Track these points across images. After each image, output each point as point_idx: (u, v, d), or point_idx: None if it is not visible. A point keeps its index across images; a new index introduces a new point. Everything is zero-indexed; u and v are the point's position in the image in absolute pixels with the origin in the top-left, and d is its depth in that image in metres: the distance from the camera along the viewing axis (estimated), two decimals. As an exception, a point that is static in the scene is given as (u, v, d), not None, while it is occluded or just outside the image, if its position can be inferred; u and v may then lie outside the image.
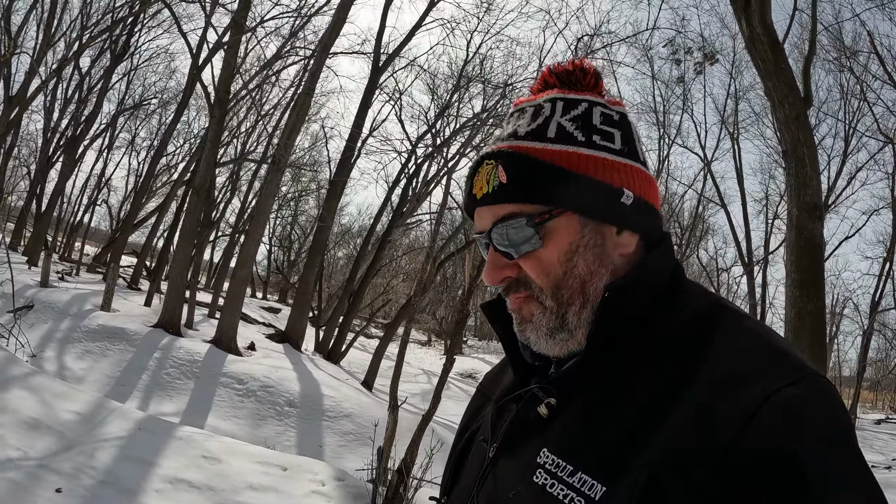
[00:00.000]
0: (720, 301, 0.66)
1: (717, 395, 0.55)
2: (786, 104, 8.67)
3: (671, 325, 0.64)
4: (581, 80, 0.72)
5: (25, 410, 4.66)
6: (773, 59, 8.66)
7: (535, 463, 0.62)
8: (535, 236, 0.66)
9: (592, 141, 0.68)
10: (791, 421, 0.52)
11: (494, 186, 0.68)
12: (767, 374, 0.55)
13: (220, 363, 10.64)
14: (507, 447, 0.69)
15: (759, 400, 0.53)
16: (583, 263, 0.67)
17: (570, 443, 0.61)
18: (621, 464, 0.56)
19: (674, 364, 0.59)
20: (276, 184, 11.97)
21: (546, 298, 0.68)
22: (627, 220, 0.68)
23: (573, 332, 0.67)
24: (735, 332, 0.61)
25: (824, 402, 0.54)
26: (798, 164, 8.41)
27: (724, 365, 0.57)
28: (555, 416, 0.65)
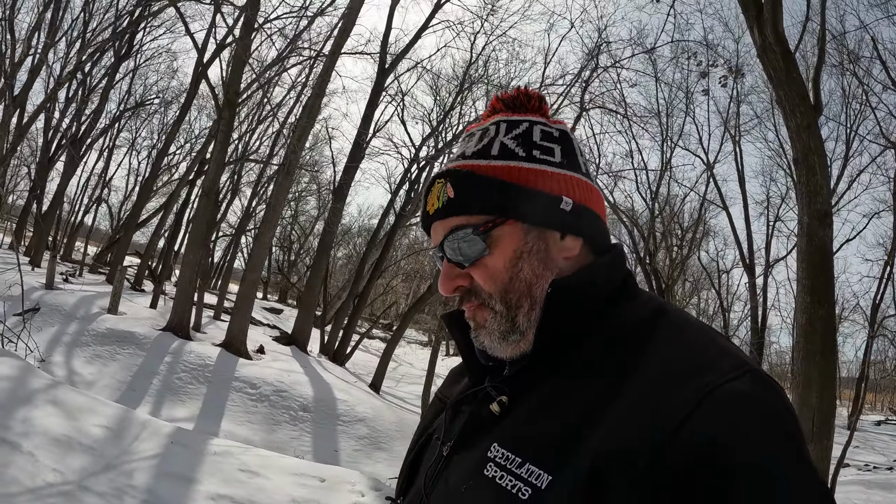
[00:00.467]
0: (667, 305, 0.69)
1: (660, 388, 0.56)
2: (797, 113, 8.75)
3: (618, 324, 0.66)
4: (525, 103, 0.77)
5: (54, 427, 4.60)
6: (784, 68, 8.74)
7: (486, 457, 0.63)
8: (481, 244, 0.70)
9: (532, 155, 0.72)
10: (732, 414, 0.53)
11: (444, 202, 0.72)
12: (710, 369, 0.56)
13: (231, 367, 10.61)
14: (461, 444, 0.71)
15: (701, 393, 0.54)
16: (528, 268, 0.70)
17: (518, 437, 0.63)
18: (566, 454, 0.58)
19: (619, 360, 0.61)
20: (286, 187, 11.94)
21: (496, 303, 0.71)
22: (568, 225, 0.72)
23: (524, 333, 0.70)
24: (679, 330, 0.63)
25: (766, 396, 0.55)
26: (809, 173, 8.50)
27: (668, 360, 0.59)
28: (507, 414, 0.67)
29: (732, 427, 0.52)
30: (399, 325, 15.81)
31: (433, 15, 16.40)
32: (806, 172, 8.70)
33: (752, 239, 16.86)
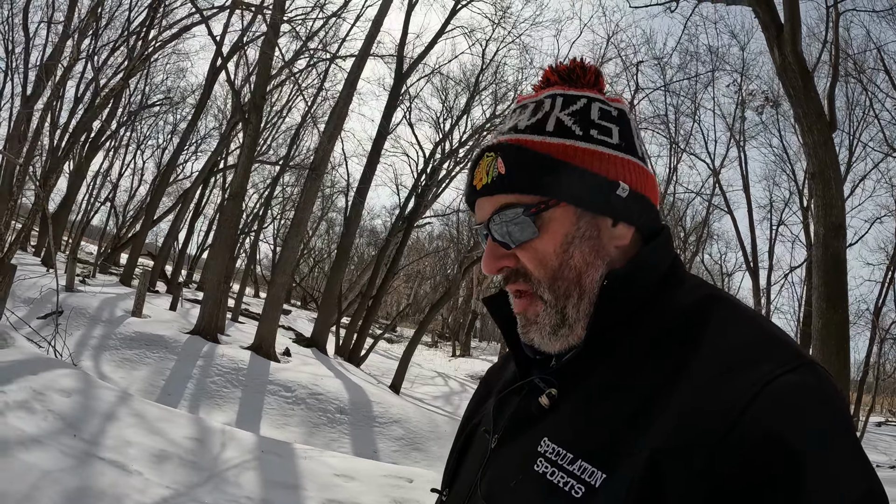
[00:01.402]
0: (718, 291, 0.68)
1: (716, 382, 0.55)
2: (814, 130, 9.16)
3: (669, 314, 0.65)
4: (581, 77, 0.74)
5: (146, 442, 4.64)
6: (803, 86, 9.13)
7: (536, 452, 0.63)
8: (531, 226, 0.68)
9: (590, 135, 0.69)
10: (789, 407, 0.52)
11: (493, 177, 0.70)
12: (765, 361, 0.55)
13: (265, 371, 10.69)
14: (509, 438, 0.70)
15: (757, 386, 0.53)
16: (579, 254, 0.68)
17: (570, 432, 0.62)
18: (621, 451, 0.57)
19: (672, 352, 0.60)
20: (314, 191, 12.04)
21: (544, 291, 0.69)
22: (623, 213, 0.69)
23: (573, 327, 0.69)
24: (732, 320, 0.62)
25: (822, 389, 0.55)
26: (825, 187, 8.92)
27: (722, 352, 0.58)
28: (556, 407, 0.66)
29: (789, 419, 0.52)
30: (418, 328, 15.96)
31: (448, 21, 16.59)
32: (822, 186, 9.12)
33: (757, 243, 17.33)
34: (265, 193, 20.95)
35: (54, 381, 5.35)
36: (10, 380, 5.05)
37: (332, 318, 14.90)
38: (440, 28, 16.50)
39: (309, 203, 11.91)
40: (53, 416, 4.60)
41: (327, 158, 11.98)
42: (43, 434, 4.18)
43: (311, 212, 12.38)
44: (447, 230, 29.35)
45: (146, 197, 18.30)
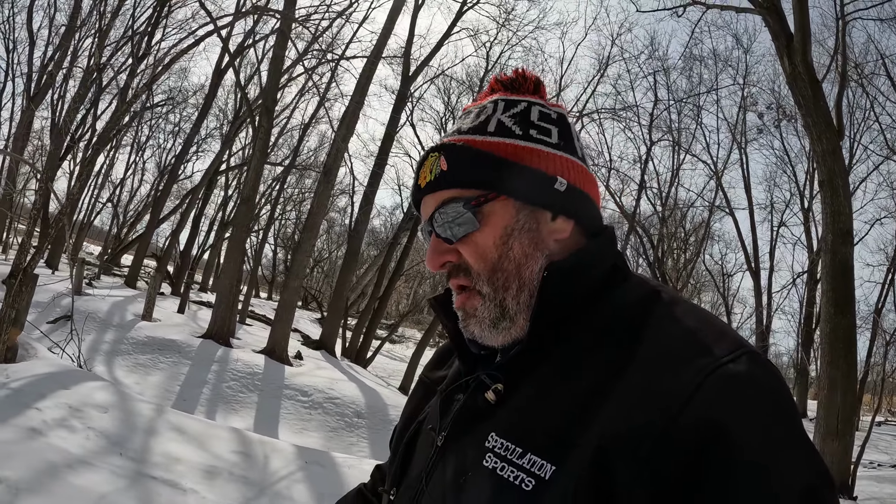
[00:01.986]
0: (662, 287, 0.69)
1: (660, 372, 0.56)
2: (823, 139, 9.34)
3: (614, 309, 0.66)
4: (522, 84, 0.76)
5: (191, 456, 4.62)
6: (812, 95, 9.31)
7: (485, 447, 0.63)
8: (472, 219, 0.70)
9: (529, 134, 0.72)
10: (731, 395, 0.53)
11: (436, 175, 0.72)
12: (707, 352, 0.56)
13: (279, 375, 10.69)
14: (456, 434, 0.70)
15: (700, 376, 0.54)
16: (518, 246, 0.69)
17: (518, 426, 0.62)
18: (569, 443, 0.57)
19: (616, 344, 0.61)
20: (327, 194, 12.02)
21: (483, 285, 0.70)
22: (561, 206, 0.71)
23: (514, 319, 0.69)
24: (675, 313, 0.63)
25: (764, 378, 0.56)
26: (833, 194, 9.12)
27: (666, 343, 0.59)
28: (502, 402, 0.66)
29: (733, 408, 0.53)
30: (427, 330, 16.00)
31: (455, 22, 16.59)
32: (830, 194, 9.32)
33: (758, 244, 17.52)
34: (272, 194, 20.88)
35: (88, 395, 5.34)
36: (43, 395, 5.03)
37: (340, 320, 14.89)
38: (447, 30, 16.51)
39: (322, 206, 11.90)
40: (95, 433, 4.57)
41: (339, 161, 11.97)
42: (89, 454, 4.16)
43: (324, 215, 12.36)
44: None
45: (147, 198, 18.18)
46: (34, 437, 4.19)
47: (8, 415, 4.48)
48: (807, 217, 17.02)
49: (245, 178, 11.22)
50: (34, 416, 4.57)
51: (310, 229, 11.72)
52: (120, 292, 14.64)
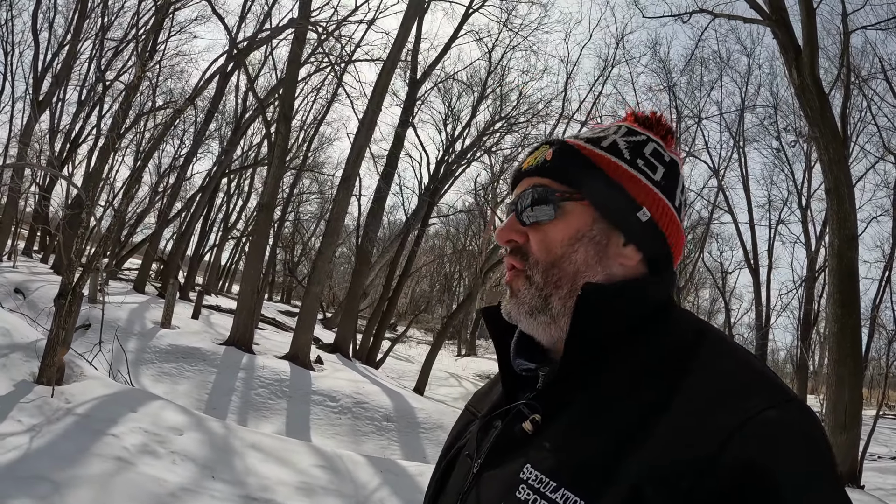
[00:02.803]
0: (707, 325, 0.69)
1: (701, 414, 0.56)
2: (830, 149, 9.72)
3: (658, 344, 0.66)
4: (654, 126, 0.79)
5: (281, 474, 4.68)
6: (819, 107, 9.67)
7: (519, 479, 0.63)
8: (550, 210, 0.72)
9: (636, 163, 0.74)
10: (772, 442, 0.53)
11: (539, 162, 0.75)
12: (752, 396, 0.56)
13: (306, 381, 10.79)
14: (491, 462, 0.70)
15: (742, 419, 0.54)
16: (583, 253, 0.70)
17: (553, 459, 0.62)
18: (604, 480, 0.57)
19: (657, 382, 0.61)
20: (347, 200, 12.11)
21: (536, 274, 0.72)
22: (636, 235, 0.72)
23: (556, 319, 0.70)
24: (720, 353, 0.63)
25: (805, 426, 0.56)
26: (839, 202, 9.51)
27: (709, 385, 0.59)
28: (540, 433, 0.66)
29: (773, 452, 0.53)
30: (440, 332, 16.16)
31: (461, 26, 16.70)
32: (837, 201, 9.71)
33: (757, 242, 17.97)
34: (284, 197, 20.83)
35: (157, 416, 5.40)
36: (113, 420, 5.05)
37: (354, 323, 15.01)
38: (453, 33, 16.62)
39: (342, 213, 12.00)
40: (180, 458, 4.63)
41: (358, 167, 12.06)
42: (187, 481, 4.22)
43: (343, 221, 12.46)
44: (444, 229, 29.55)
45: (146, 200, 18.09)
46: (125, 467, 4.23)
47: (86, 444, 4.49)
48: (805, 215, 17.53)
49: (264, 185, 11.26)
50: (113, 443, 4.59)
51: (330, 235, 11.81)
52: (133, 298, 14.57)
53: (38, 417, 4.92)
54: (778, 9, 10.02)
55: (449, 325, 16.38)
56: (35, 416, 4.93)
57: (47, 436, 4.58)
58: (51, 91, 13.85)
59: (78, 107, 16.49)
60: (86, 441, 4.57)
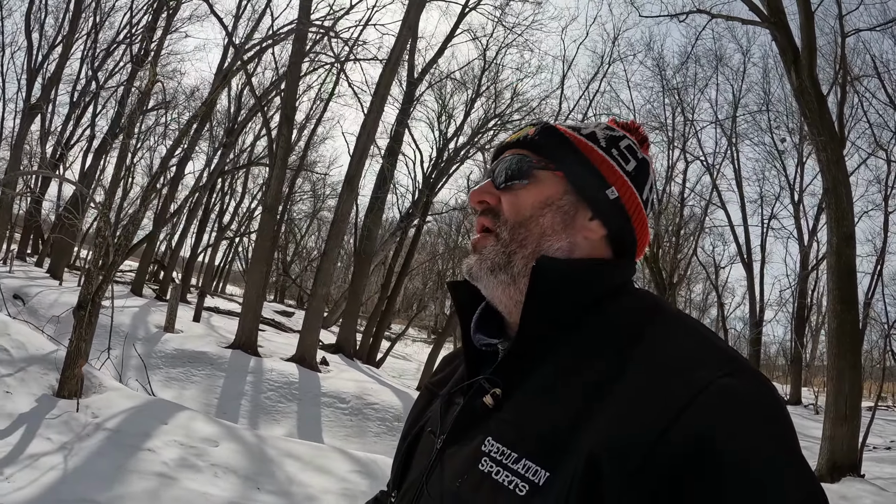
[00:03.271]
0: (662, 301, 0.71)
1: (655, 384, 0.57)
2: (828, 149, 9.98)
3: (613, 319, 0.67)
4: (633, 132, 0.83)
5: (324, 482, 4.68)
6: (818, 109, 9.92)
7: (481, 451, 0.64)
8: (525, 175, 0.76)
9: (610, 151, 0.77)
10: (725, 409, 0.54)
11: (522, 137, 0.79)
12: (703, 366, 0.57)
13: (314, 383, 10.80)
14: (454, 438, 0.71)
15: (695, 388, 0.55)
16: (550, 218, 0.73)
17: (513, 431, 0.64)
18: (562, 449, 0.58)
19: (612, 354, 0.62)
20: (350, 203, 12.12)
21: (503, 231, 0.75)
22: (603, 211, 0.75)
23: (515, 279, 0.72)
24: (673, 326, 0.64)
25: (759, 392, 0.56)
26: (838, 201, 9.78)
27: (662, 356, 0.60)
28: (500, 406, 0.68)
29: (726, 421, 0.53)
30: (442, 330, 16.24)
31: (457, 25, 16.72)
32: (835, 200, 9.98)
33: (750, 237, 18.29)
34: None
35: (188, 427, 5.36)
36: (147, 434, 5.01)
37: (356, 323, 15.03)
38: (450, 31, 16.64)
39: (346, 215, 11.99)
40: (222, 470, 4.61)
41: (361, 169, 12.06)
42: (233, 495, 4.20)
43: (347, 222, 12.45)
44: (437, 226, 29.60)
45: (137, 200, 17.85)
46: (168, 483, 4.20)
47: (123, 461, 4.45)
48: (797, 211, 17.85)
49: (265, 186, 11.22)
50: (151, 458, 4.56)
51: (335, 237, 11.81)
52: (131, 302, 14.44)
53: (67, 434, 4.88)
54: (777, 11, 10.20)
55: (450, 324, 16.46)
56: (64, 432, 4.89)
57: (81, 454, 4.54)
58: (45, 92, 13.62)
59: (70, 108, 16.26)
60: (122, 457, 4.54)
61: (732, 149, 18.38)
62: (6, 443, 4.44)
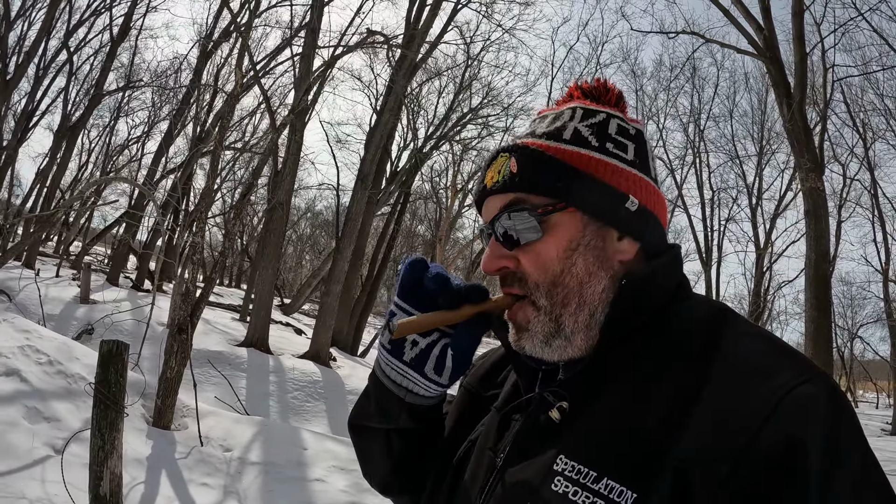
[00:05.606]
0: (725, 306, 0.68)
1: (736, 393, 0.56)
2: (811, 177, 11.34)
3: (682, 326, 0.65)
4: (603, 95, 0.75)
5: None
6: (805, 140, 11.23)
7: (553, 470, 0.60)
8: (536, 227, 0.68)
9: (605, 147, 0.70)
10: (809, 415, 0.54)
11: (505, 176, 0.70)
12: (782, 373, 0.57)
13: (338, 381, 10.93)
14: (517, 456, 0.66)
15: (778, 395, 0.55)
16: (582, 262, 0.67)
17: (590, 448, 0.60)
18: (647, 466, 0.56)
19: (688, 363, 0.60)
20: (364, 199, 12.22)
21: (540, 297, 0.68)
22: (629, 227, 0.69)
23: (570, 339, 0.67)
24: (745, 332, 0.63)
25: (835, 398, 0.57)
26: (817, 222, 11.21)
27: (740, 363, 0.59)
28: (568, 422, 0.64)
29: (809, 425, 0.53)
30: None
31: (449, 22, 16.83)
32: (815, 221, 11.40)
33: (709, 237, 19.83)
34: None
35: (331, 451, 5.39)
36: (300, 462, 4.99)
37: (349, 315, 15.17)
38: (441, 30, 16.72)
39: (359, 213, 12.10)
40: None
41: (374, 166, 12.19)
42: None
43: (360, 220, 12.54)
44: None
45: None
46: None
47: (305, 496, 4.39)
48: (754, 213, 19.52)
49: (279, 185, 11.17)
50: (327, 489, 4.58)
51: (348, 235, 11.90)
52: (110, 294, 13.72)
53: (218, 475, 4.78)
54: (772, 46, 11.25)
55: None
56: (213, 473, 4.81)
57: (259, 497, 4.48)
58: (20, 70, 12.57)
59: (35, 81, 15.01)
60: (301, 494, 4.51)
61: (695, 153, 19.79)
62: (167, 497, 4.27)
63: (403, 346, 0.74)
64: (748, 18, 11.74)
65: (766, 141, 19.33)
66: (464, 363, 0.73)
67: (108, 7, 14.40)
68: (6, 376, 5.50)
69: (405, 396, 0.76)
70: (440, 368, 0.73)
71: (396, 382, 0.76)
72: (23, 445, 4.47)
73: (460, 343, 0.72)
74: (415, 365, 0.74)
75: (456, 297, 0.70)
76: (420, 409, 0.77)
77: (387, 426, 0.79)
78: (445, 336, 0.74)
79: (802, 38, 11.17)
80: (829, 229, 11.31)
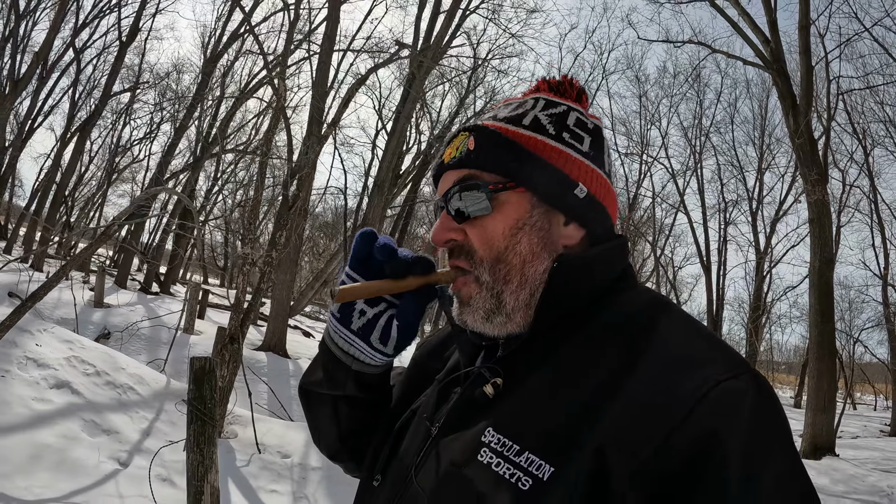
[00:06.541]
0: (665, 298, 0.70)
1: (665, 381, 0.57)
2: (817, 188, 11.64)
3: (620, 313, 0.67)
4: (568, 90, 0.78)
5: None
6: (810, 151, 11.53)
7: (480, 441, 0.62)
8: (486, 203, 0.70)
9: (561, 136, 0.72)
10: (733, 409, 0.55)
11: (462, 153, 0.72)
12: (711, 366, 0.58)
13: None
14: (451, 426, 0.69)
15: (703, 388, 0.55)
16: (526, 242, 0.69)
17: (516, 423, 0.62)
18: (568, 445, 0.57)
19: (620, 350, 0.62)
20: (380, 206, 12.30)
21: (483, 272, 0.70)
22: (577, 213, 0.71)
23: (510, 316, 0.69)
24: (680, 324, 0.64)
25: (763, 396, 0.58)
26: (821, 230, 11.53)
27: (671, 353, 0.60)
28: (501, 397, 0.66)
29: (732, 421, 0.54)
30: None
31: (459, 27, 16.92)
32: (819, 229, 11.72)
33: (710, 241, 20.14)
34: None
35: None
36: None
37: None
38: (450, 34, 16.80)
39: (374, 219, 12.17)
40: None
41: (389, 173, 12.27)
42: None
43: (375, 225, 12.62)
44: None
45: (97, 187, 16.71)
46: None
47: None
48: (755, 218, 19.84)
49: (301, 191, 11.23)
50: None
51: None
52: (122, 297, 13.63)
53: (283, 481, 4.73)
54: (778, 59, 11.49)
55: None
56: (278, 480, 4.78)
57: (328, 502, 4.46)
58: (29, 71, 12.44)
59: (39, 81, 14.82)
60: None
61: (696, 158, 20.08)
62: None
63: (352, 315, 0.77)
64: (755, 30, 11.95)
65: (767, 146, 19.70)
66: (409, 333, 0.76)
67: (114, 7, 14.28)
68: (57, 388, 5.48)
69: (351, 364, 0.79)
70: (385, 338, 0.76)
71: (343, 350, 0.79)
72: (89, 460, 4.48)
73: (405, 313, 0.75)
74: (361, 334, 0.77)
75: (402, 268, 0.73)
76: (366, 378, 0.80)
77: (334, 392, 0.82)
78: (392, 307, 0.77)
79: (809, 51, 11.41)
80: (832, 236, 11.59)
